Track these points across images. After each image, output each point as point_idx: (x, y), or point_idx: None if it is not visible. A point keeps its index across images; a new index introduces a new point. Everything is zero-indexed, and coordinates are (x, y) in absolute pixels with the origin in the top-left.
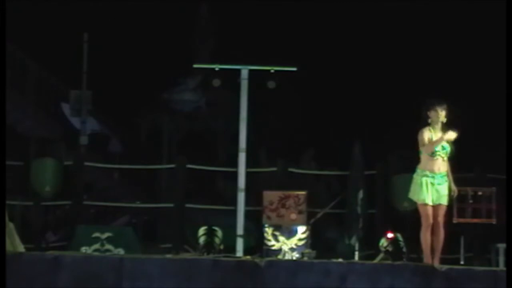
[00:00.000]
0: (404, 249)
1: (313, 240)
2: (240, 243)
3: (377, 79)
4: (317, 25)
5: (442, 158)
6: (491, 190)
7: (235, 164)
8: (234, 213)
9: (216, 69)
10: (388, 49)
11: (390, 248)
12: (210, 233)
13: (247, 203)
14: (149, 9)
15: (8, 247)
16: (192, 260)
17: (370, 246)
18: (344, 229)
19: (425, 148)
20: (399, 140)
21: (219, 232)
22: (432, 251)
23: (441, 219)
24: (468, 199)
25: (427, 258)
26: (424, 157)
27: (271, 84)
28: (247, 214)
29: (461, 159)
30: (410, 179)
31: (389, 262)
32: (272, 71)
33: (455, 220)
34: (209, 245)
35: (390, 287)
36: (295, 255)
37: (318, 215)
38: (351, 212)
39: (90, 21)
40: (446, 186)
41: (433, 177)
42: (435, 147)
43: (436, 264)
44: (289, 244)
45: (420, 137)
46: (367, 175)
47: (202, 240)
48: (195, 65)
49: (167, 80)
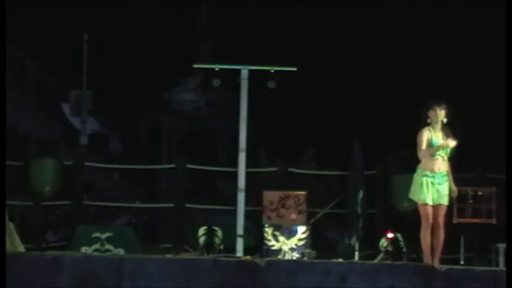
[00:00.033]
0: (404, 249)
1: (313, 240)
2: (240, 243)
3: (377, 79)
4: (317, 25)
5: (442, 158)
6: (491, 190)
7: (235, 164)
8: (234, 213)
9: (216, 69)
10: (388, 49)
11: (390, 248)
12: (210, 233)
13: (247, 203)
14: (149, 9)
15: (8, 247)
16: (192, 260)
17: (370, 246)
18: (344, 229)
19: (420, 153)
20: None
21: (219, 232)
22: (432, 251)
23: (441, 219)
24: (468, 199)
25: (427, 258)
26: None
27: (271, 84)
28: (247, 214)
29: (461, 159)
30: (410, 179)
31: (389, 262)
32: (272, 71)
33: (455, 220)
34: (209, 245)
35: (390, 287)
36: (295, 255)
37: (318, 215)
38: (351, 212)
39: (90, 21)
40: (446, 186)
41: (433, 177)
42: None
43: (436, 264)
44: (289, 244)
45: (418, 140)
46: (367, 175)
47: (202, 240)
48: (195, 65)
49: (167, 80)
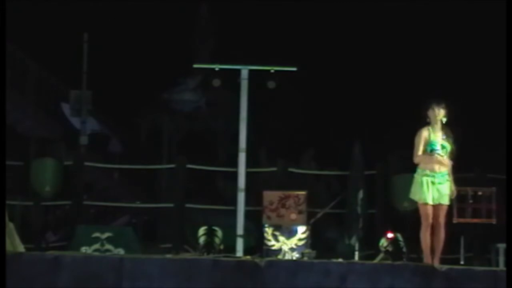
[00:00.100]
0: (404, 249)
1: (313, 240)
2: (240, 243)
3: (377, 79)
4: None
5: (442, 157)
6: (491, 190)
7: (235, 164)
8: (234, 213)
9: (216, 69)
10: (388, 49)
11: (390, 248)
12: (210, 233)
13: (247, 203)
14: (149, 9)
15: (8, 247)
16: (192, 260)
17: (370, 246)
18: (344, 229)
19: (415, 159)
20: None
21: (219, 232)
22: (432, 251)
23: (442, 220)
24: (468, 199)
25: (427, 258)
26: (424, 157)
27: (271, 84)
28: (247, 214)
29: (461, 159)
30: (410, 179)
31: (389, 262)
32: (272, 71)
33: (455, 220)
34: (209, 245)
35: (390, 287)
36: (295, 255)
37: (318, 215)
38: (351, 212)
39: (90, 21)
40: (447, 186)
41: (434, 176)
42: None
43: (436, 264)
44: (289, 244)
45: (416, 141)
46: (367, 175)
47: (202, 240)
48: (195, 65)
49: (167, 80)
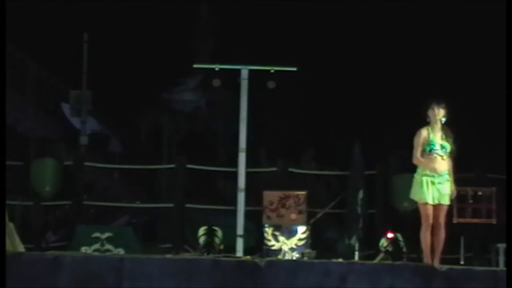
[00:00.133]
0: (404, 249)
1: (313, 240)
2: (240, 243)
3: (377, 79)
4: (317, 25)
5: (441, 157)
6: (491, 190)
7: (235, 164)
8: (234, 213)
9: (216, 69)
10: (388, 49)
11: (390, 248)
12: (210, 233)
13: (247, 203)
14: (149, 9)
15: (8, 247)
16: (192, 260)
17: (370, 246)
18: (344, 229)
19: (414, 159)
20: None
21: (219, 232)
22: (432, 251)
23: (442, 220)
24: (468, 199)
25: (427, 258)
26: (424, 156)
27: (271, 84)
28: (247, 214)
29: (461, 159)
30: (410, 179)
31: (389, 262)
32: (272, 71)
33: (455, 220)
34: (209, 245)
35: (390, 287)
36: (295, 255)
37: (318, 215)
38: (351, 212)
39: (90, 21)
40: (447, 186)
41: (433, 176)
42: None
43: (436, 264)
44: (289, 244)
45: (415, 141)
46: (367, 175)
47: (202, 240)
48: (195, 65)
49: (167, 80)
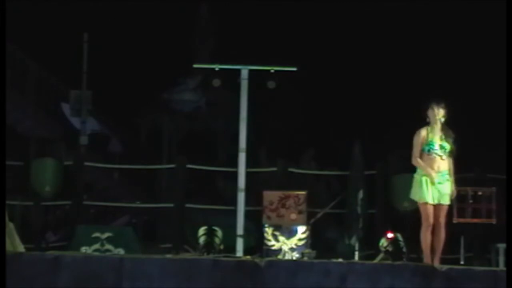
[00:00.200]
0: (404, 249)
1: (313, 240)
2: (240, 243)
3: (377, 79)
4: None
5: (440, 157)
6: (491, 190)
7: (235, 164)
8: (234, 213)
9: (216, 69)
10: (388, 49)
11: (390, 248)
12: (210, 233)
13: (247, 203)
14: (149, 9)
15: (8, 247)
16: (192, 260)
17: (370, 246)
18: (344, 229)
19: (412, 160)
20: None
21: (219, 232)
22: (433, 251)
23: (442, 220)
24: (468, 199)
25: (427, 258)
26: (424, 157)
27: (271, 84)
28: (247, 214)
29: (461, 159)
30: (410, 179)
31: (389, 262)
32: (272, 71)
33: (455, 220)
34: (209, 245)
35: (390, 287)
36: (295, 255)
37: (318, 215)
38: (351, 212)
39: (90, 21)
40: (447, 185)
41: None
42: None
43: (436, 264)
44: (289, 244)
45: (414, 142)
46: (367, 175)
47: (202, 240)
48: (195, 65)
49: (167, 80)
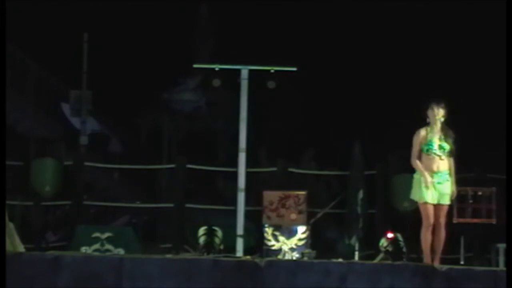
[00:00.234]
0: (404, 249)
1: (313, 240)
2: (240, 243)
3: (377, 79)
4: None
5: (439, 157)
6: (491, 190)
7: (235, 164)
8: (234, 213)
9: (216, 69)
10: (388, 50)
11: (390, 248)
12: (210, 233)
13: (247, 203)
14: (149, 9)
15: (8, 247)
16: (192, 260)
17: (370, 246)
18: (344, 229)
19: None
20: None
21: (219, 232)
22: (433, 251)
23: (443, 220)
24: (468, 199)
25: (427, 258)
26: (423, 157)
27: (271, 84)
28: (247, 214)
29: (461, 159)
30: (410, 179)
31: (389, 262)
32: (272, 71)
33: (455, 220)
34: (209, 245)
35: (390, 287)
36: (295, 255)
37: (318, 215)
38: (351, 212)
39: (90, 21)
40: (447, 185)
41: (432, 176)
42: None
43: (436, 264)
44: (289, 244)
45: (413, 141)
46: (367, 175)
47: (202, 240)
48: (195, 65)
49: (167, 80)
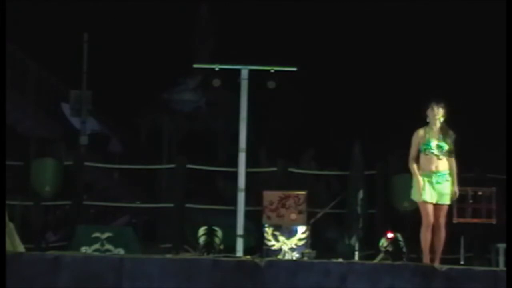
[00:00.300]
0: (404, 249)
1: (313, 240)
2: (240, 243)
3: (377, 79)
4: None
5: (437, 156)
6: (491, 190)
7: (235, 164)
8: (234, 213)
9: (216, 69)
10: (388, 50)
11: (390, 248)
12: (210, 233)
13: (247, 203)
14: (149, 9)
15: (8, 247)
16: (192, 260)
17: (370, 246)
18: (344, 229)
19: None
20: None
21: (219, 232)
22: (433, 251)
23: (442, 220)
24: (468, 199)
25: (426, 258)
26: (421, 156)
27: (271, 84)
28: (247, 214)
29: (461, 159)
30: (410, 179)
31: (389, 262)
32: (272, 71)
33: (455, 220)
34: (209, 245)
35: (390, 287)
36: (295, 255)
37: (318, 215)
38: (351, 212)
39: (90, 21)
40: (447, 185)
41: (431, 176)
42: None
43: (436, 264)
44: (289, 244)
45: (412, 141)
46: (367, 175)
47: (202, 240)
48: (195, 65)
49: (167, 80)
